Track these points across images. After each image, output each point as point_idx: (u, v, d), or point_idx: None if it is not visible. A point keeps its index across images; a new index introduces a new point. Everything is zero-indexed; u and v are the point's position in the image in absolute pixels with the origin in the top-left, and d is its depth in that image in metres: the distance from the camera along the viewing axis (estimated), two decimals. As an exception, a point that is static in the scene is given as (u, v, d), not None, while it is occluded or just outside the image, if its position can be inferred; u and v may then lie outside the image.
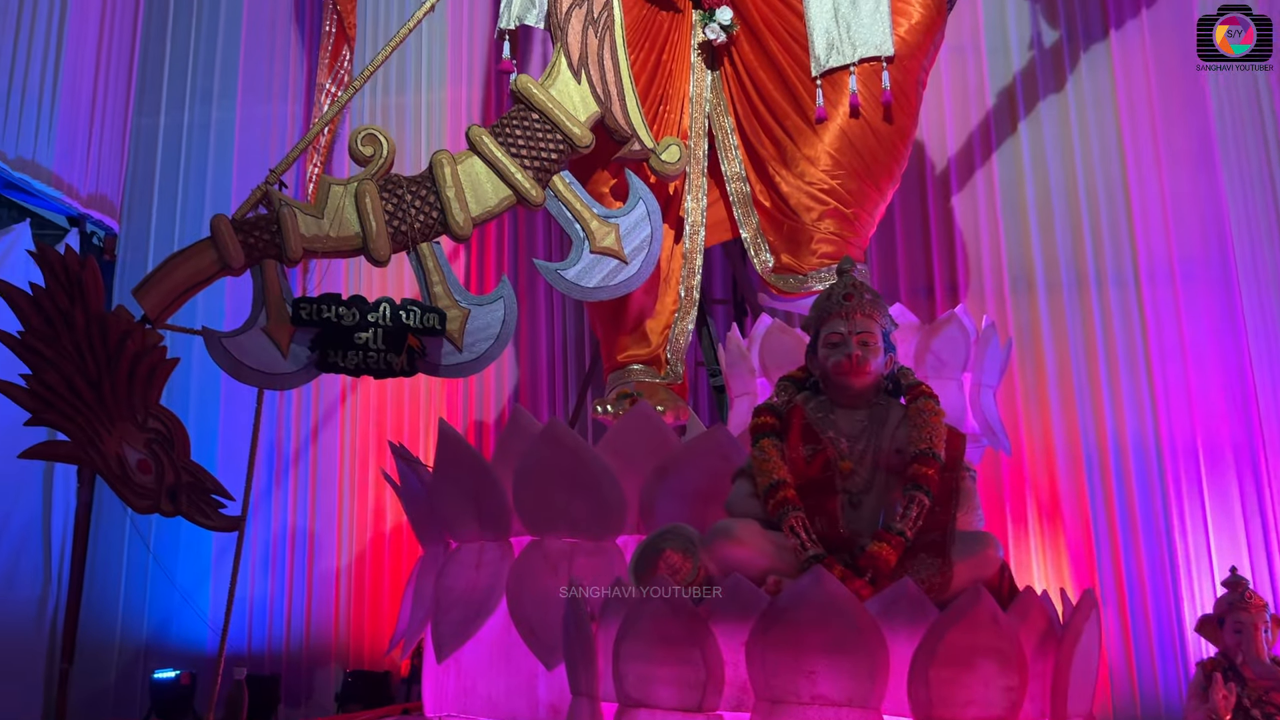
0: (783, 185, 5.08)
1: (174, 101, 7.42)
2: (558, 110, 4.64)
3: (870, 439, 3.28)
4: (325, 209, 4.46)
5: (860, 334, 3.30)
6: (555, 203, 4.71)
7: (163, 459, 4.04)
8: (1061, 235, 6.48)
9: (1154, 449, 6.05)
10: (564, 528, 4.17)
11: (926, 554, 3.07)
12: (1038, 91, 6.70)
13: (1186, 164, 6.35)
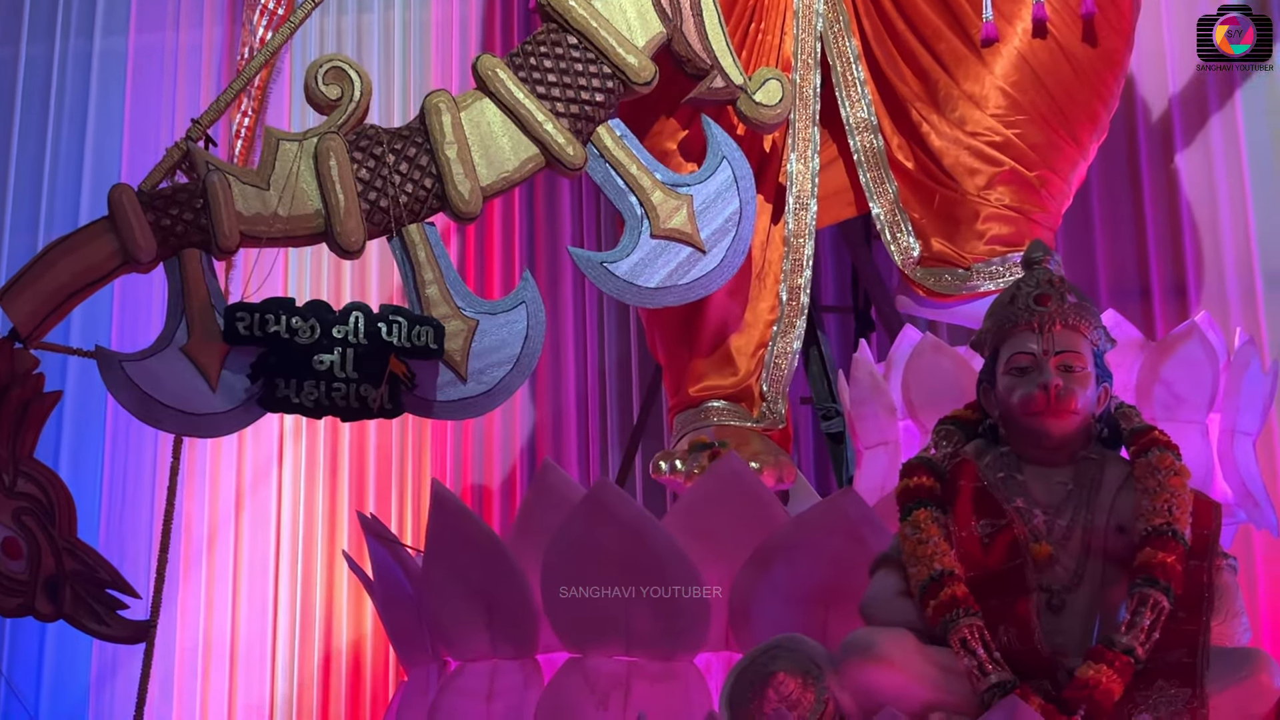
0: (933, 138, 5.12)
1: (38, 27, 7.52)
2: (605, 31, 4.70)
3: (1079, 511, 3.29)
4: (272, 176, 4.51)
5: (1061, 354, 3.31)
6: (601, 164, 4.75)
7: (38, 537, 4.05)
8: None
9: None
10: (617, 640, 4.17)
11: (1167, 681, 3.04)
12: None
13: None
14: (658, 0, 4.77)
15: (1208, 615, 3.14)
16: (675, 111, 5.04)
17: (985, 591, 3.17)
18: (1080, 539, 3.24)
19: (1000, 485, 3.32)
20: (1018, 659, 3.06)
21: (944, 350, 4.75)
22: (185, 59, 7.40)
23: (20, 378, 4.14)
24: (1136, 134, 6.67)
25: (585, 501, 4.17)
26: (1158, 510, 3.17)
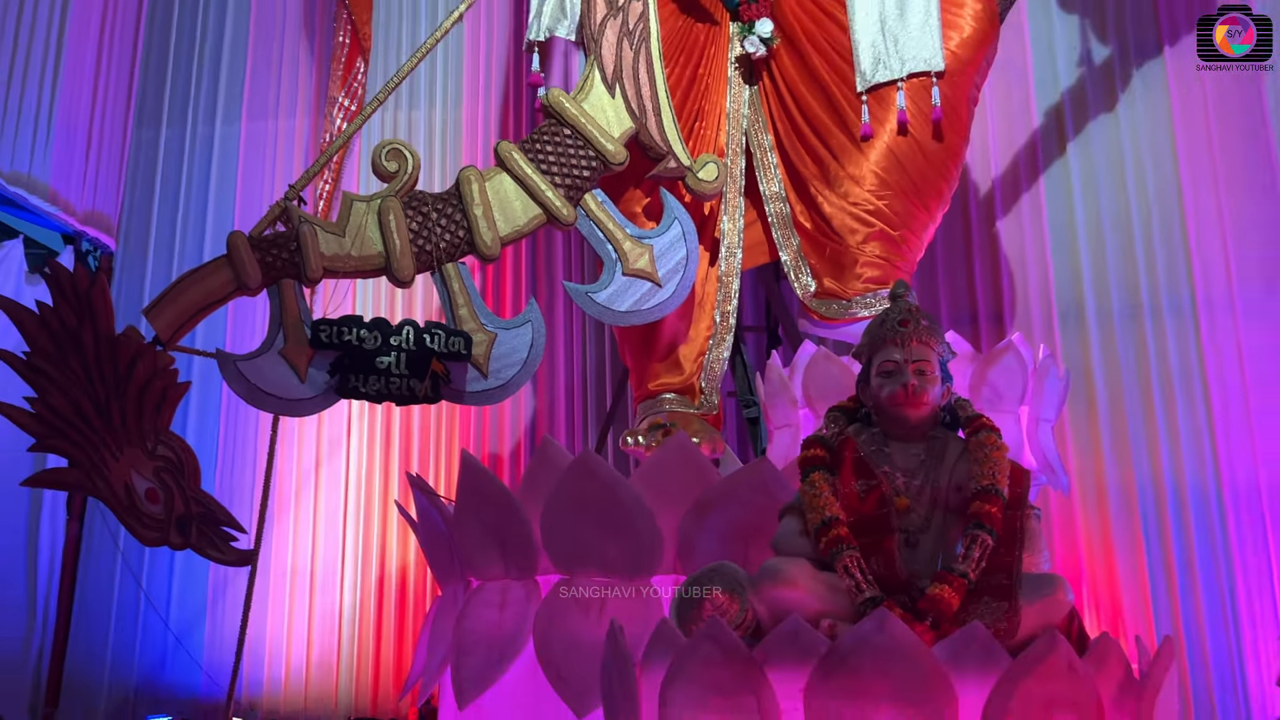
0: (825, 206, 5.10)
1: (176, 116, 7.47)
2: (591, 125, 4.68)
3: (928, 474, 3.26)
4: (347, 227, 4.48)
5: (916, 362, 3.29)
6: (586, 222, 4.74)
7: (172, 488, 4.03)
8: (1113, 262, 6.52)
9: (1214, 491, 6.05)
10: (595, 567, 4.16)
11: (991, 597, 3.03)
12: (1088, 111, 6.75)
13: (1247, 187, 6.37)
14: (628, 103, 4.74)
15: (1019, 550, 3.13)
16: (640, 184, 5.00)
17: (861, 531, 3.14)
18: (929, 495, 3.22)
19: (872, 455, 3.29)
20: (884, 581, 3.05)
21: (832, 359, 4.79)
22: (282, 140, 7.35)
23: (160, 372, 4.12)
24: (969, 202, 6.65)
25: (574, 465, 4.16)
26: (985, 474, 3.17)
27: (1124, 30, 6.79)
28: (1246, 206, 6.35)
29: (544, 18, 5.14)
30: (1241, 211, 6.35)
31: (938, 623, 2.96)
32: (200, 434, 6.67)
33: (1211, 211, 6.41)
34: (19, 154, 6.34)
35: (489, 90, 7.31)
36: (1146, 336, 6.36)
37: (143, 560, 6.64)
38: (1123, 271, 6.50)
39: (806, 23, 5.22)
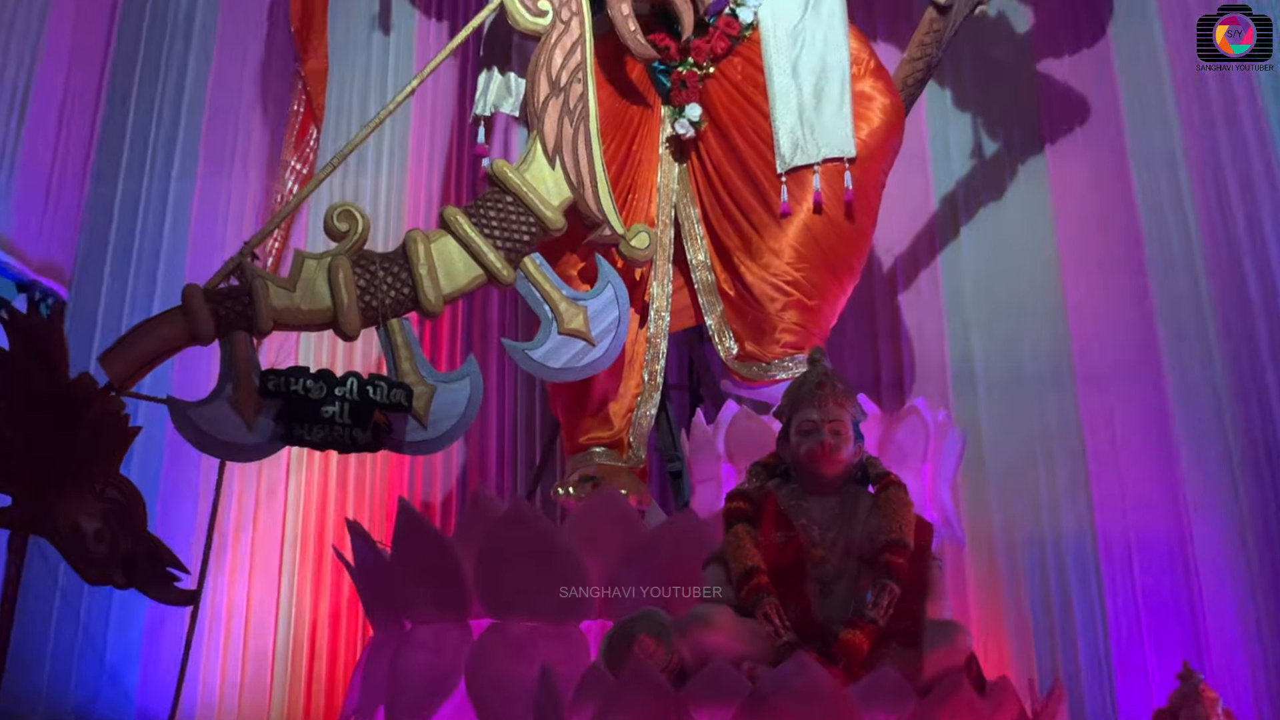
0: (747, 275, 5.13)
1: (133, 170, 7.26)
2: (532, 194, 4.69)
3: (841, 526, 3.30)
4: (298, 282, 4.41)
5: (832, 422, 3.35)
6: (525, 283, 4.73)
7: (118, 529, 3.88)
8: (1001, 335, 6.64)
9: (1089, 544, 6.17)
10: (525, 611, 4.08)
11: (898, 642, 3.07)
12: (979, 198, 6.95)
13: (1121, 272, 6.57)
14: (567, 174, 4.76)
15: (924, 598, 3.19)
16: (577, 250, 5.00)
17: (780, 580, 3.17)
18: (843, 545, 3.25)
19: (791, 509, 3.33)
20: (801, 626, 3.07)
21: (753, 417, 4.79)
22: (234, 198, 7.20)
23: (112, 416, 3.98)
24: (874, 277, 6.74)
25: (507, 514, 4.10)
26: (893, 528, 3.21)
27: (1010, 128, 7.03)
28: (1118, 284, 6.53)
29: (490, 95, 5.17)
30: (1114, 289, 6.53)
31: (850, 666, 2.97)
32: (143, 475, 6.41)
33: (1088, 289, 6.58)
34: (-26, 208, 6.15)
35: (433, 158, 7.27)
36: (1030, 403, 6.46)
37: (80, 598, 6.34)
38: (1010, 343, 6.62)
39: (732, 108, 5.28)
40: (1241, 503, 5.83)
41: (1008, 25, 7.18)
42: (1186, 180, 6.39)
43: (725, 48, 5.30)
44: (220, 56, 7.56)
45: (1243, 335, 5.90)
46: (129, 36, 7.51)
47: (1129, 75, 6.82)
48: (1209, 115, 6.25)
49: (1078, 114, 6.97)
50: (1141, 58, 6.74)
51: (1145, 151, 6.64)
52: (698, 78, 5.29)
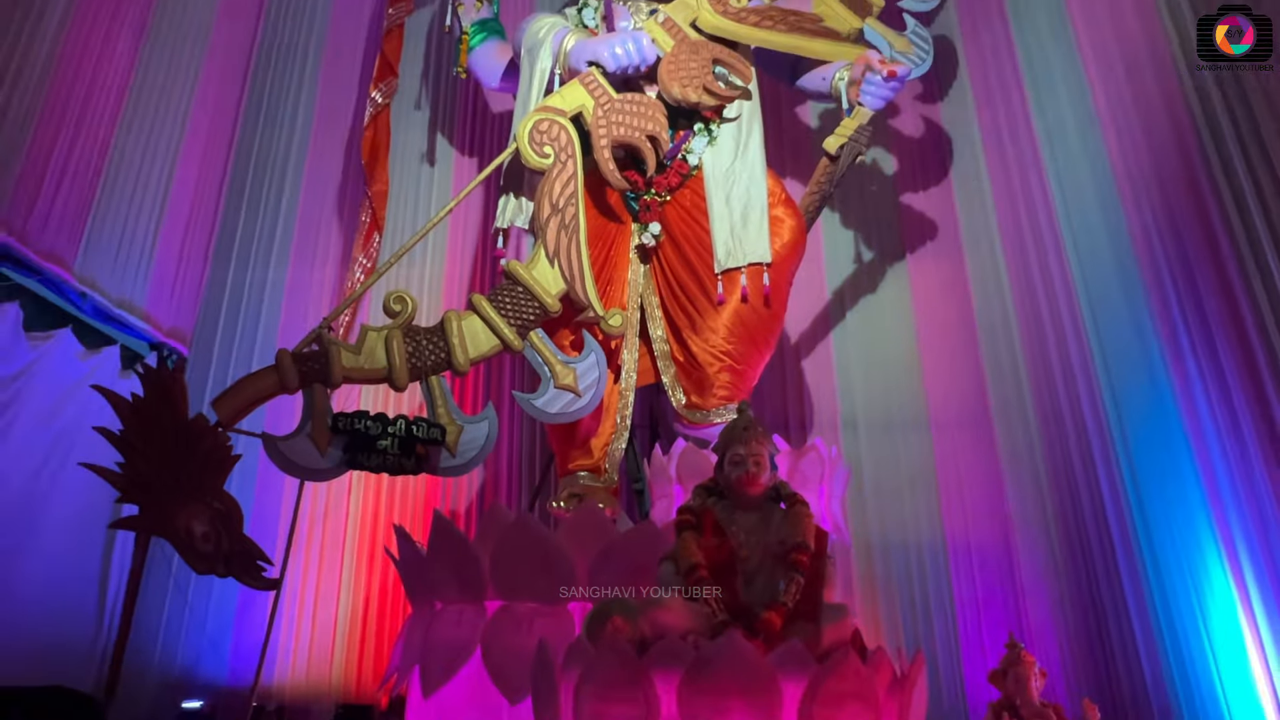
0: (693, 346, 5.13)
1: (242, 258, 7.19)
2: (537, 286, 4.68)
3: (761, 533, 3.28)
4: (362, 348, 4.36)
5: (755, 456, 3.35)
6: (530, 350, 4.70)
7: (221, 532, 3.78)
8: (877, 392, 6.67)
9: (941, 549, 6.17)
10: (528, 595, 4.01)
11: (803, 620, 3.04)
12: (860, 290, 7.03)
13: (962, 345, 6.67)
14: (563, 272, 4.75)
15: (821, 587, 3.16)
16: (569, 325, 4.97)
17: (716, 574, 3.13)
18: (762, 548, 3.22)
19: (724, 520, 3.30)
20: (731, 609, 3.04)
21: (697, 451, 4.78)
22: (314, 283, 7.15)
23: (219, 447, 3.90)
24: (785, 348, 6.74)
25: (514, 523, 4.05)
26: (798, 533, 3.19)
27: (881, 242, 7.14)
28: (960, 355, 6.61)
29: (507, 213, 5.16)
30: (958, 358, 6.60)
31: (768, 639, 2.94)
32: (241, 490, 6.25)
33: (938, 358, 6.66)
34: (125, 282, 6.04)
35: (464, 258, 7.26)
36: (897, 443, 6.49)
37: (189, 583, 6.16)
38: (882, 398, 6.65)
39: (682, 226, 5.31)
40: (1049, 518, 5.85)
41: (879, 169, 7.35)
42: (1006, 280, 6.50)
43: (678, 182, 5.35)
44: (309, 177, 7.55)
45: (1048, 394, 5.98)
46: (245, 148, 7.49)
47: (965, 204, 6.98)
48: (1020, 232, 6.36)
49: (929, 232, 7.11)
50: (972, 193, 6.88)
51: (977, 257, 6.76)
52: (658, 203, 5.33)
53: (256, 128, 7.54)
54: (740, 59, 5.12)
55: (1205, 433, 4.63)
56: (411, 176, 7.50)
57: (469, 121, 7.72)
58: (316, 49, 8.02)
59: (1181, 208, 4.86)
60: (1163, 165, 4.99)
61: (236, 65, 7.67)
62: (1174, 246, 4.87)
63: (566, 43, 5.20)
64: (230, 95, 7.57)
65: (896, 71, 4.80)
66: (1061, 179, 5.90)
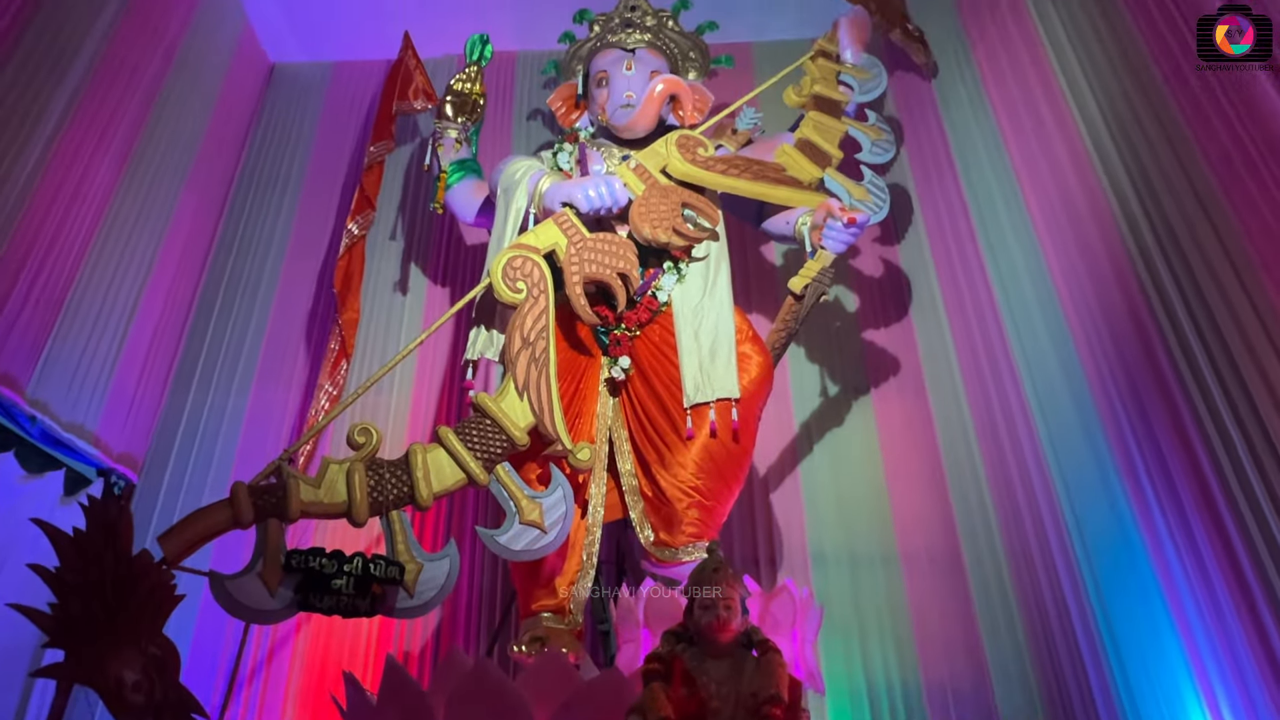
0: (661, 481, 5.09)
1: (203, 381, 7.10)
2: (505, 419, 4.65)
3: (733, 683, 3.17)
4: (323, 481, 4.24)
5: (725, 599, 3.27)
6: (496, 485, 4.60)
7: (154, 680, 3.51)
8: (844, 527, 6.61)
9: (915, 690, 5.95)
10: (485, 750, 3.75)
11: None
12: (825, 425, 7.10)
13: (928, 482, 6.71)
14: (531, 405, 4.71)
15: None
16: (536, 459, 4.91)
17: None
18: (734, 699, 3.11)
19: (694, 669, 3.19)
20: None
21: (666, 593, 4.61)
22: (276, 411, 7.05)
23: (162, 586, 3.69)
24: (754, 483, 6.71)
25: (472, 671, 3.83)
26: (771, 684, 3.09)
27: (846, 377, 7.29)
28: (928, 492, 6.63)
29: (478, 345, 5.19)
30: (925, 494, 6.62)
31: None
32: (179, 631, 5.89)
33: (906, 494, 6.65)
34: (78, 407, 5.88)
35: (431, 389, 7.23)
36: (863, 579, 6.39)
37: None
38: (849, 533, 6.58)
39: (652, 360, 5.38)
40: (1024, 659, 5.72)
41: (842, 306, 7.61)
42: (969, 416, 6.62)
43: (648, 318, 5.47)
44: (280, 303, 7.60)
45: (1015, 530, 5.98)
46: (216, 274, 7.54)
47: (926, 342, 7.20)
48: (980, 369, 6.52)
49: (892, 368, 7.28)
50: (932, 331, 7.12)
51: (939, 393, 6.90)
52: (628, 338, 5.43)
53: (230, 256, 7.65)
54: (708, 203, 5.36)
55: (1170, 562, 4.64)
56: (383, 305, 7.59)
57: (443, 253, 7.91)
58: (296, 182, 8.28)
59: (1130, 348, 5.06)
60: (1110, 309, 5.23)
61: (215, 195, 7.86)
62: (1125, 381, 5.03)
63: (542, 184, 5.40)
64: (206, 224, 7.72)
65: (856, 219, 5.05)
66: (1016, 320, 6.14)
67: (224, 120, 7.94)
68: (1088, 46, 5.43)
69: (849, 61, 6.49)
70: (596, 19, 6.79)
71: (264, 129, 8.57)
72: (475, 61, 6.76)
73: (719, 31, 7.03)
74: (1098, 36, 5.35)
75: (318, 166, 8.39)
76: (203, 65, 7.53)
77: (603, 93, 6.21)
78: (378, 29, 8.53)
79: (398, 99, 7.05)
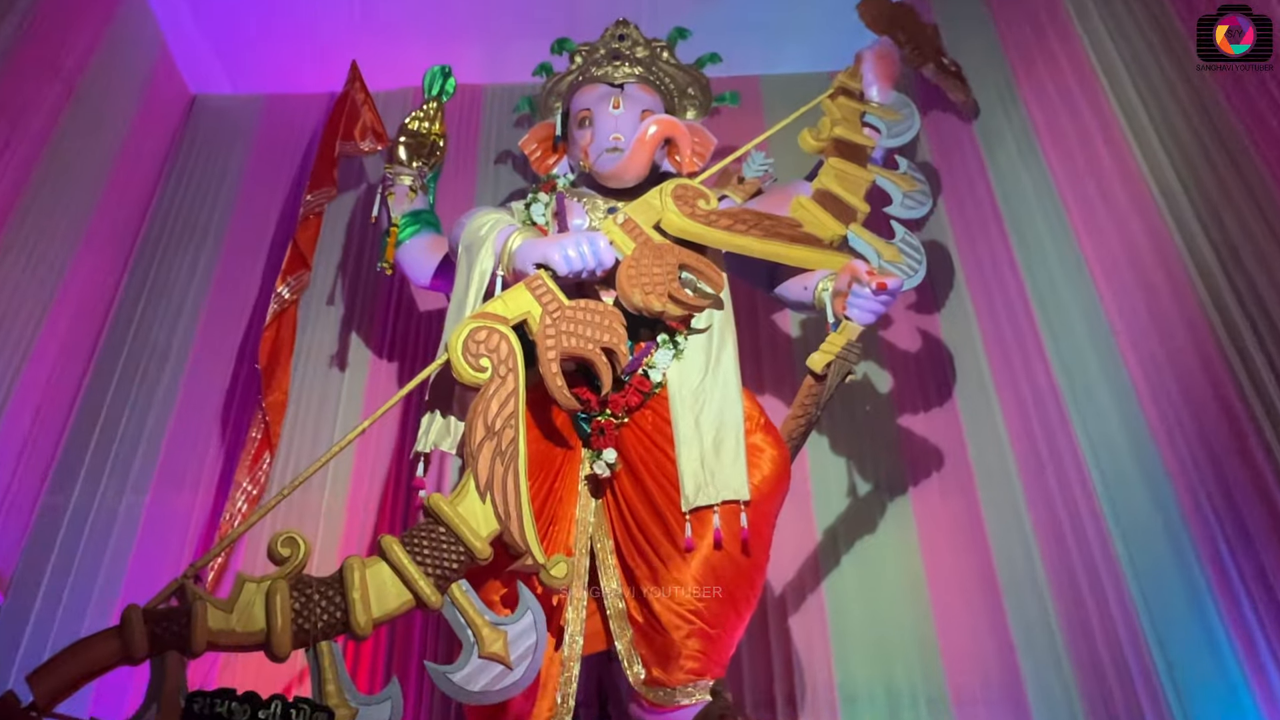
0: (655, 603, 5.03)
1: (90, 478, 7.02)
2: (463, 526, 4.62)
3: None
4: (236, 604, 4.17)
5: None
6: (450, 608, 4.55)
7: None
8: (880, 659, 6.51)
9: None
10: None
11: None
12: (857, 530, 7.08)
13: (979, 597, 6.65)
14: (496, 509, 4.67)
15: None
16: (500, 576, 4.86)
17: None
18: None
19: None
20: None
21: (659, 745, 4.56)
22: (180, 515, 6.97)
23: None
24: (768, 606, 6.65)
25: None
26: None
27: (878, 472, 7.30)
28: (979, 609, 6.56)
29: (431, 434, 5.16)
30: (976, 613, 6.55)
31: None
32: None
33: (950, 611, 6.59)
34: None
35: (372, 486, 7.19)
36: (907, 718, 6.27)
37: None
38: (888, 666, 6.49)
39: (643, 454, 5.37)
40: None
41: (872, 387, 7.68)
42: (1028, 521, 6.59)
43: (638, 402, 5.50)
44: (189, 383, 7.60)
45: (1090, 667, 5.90)
46: (112, 349, 7.54)
47: (974, 429, 7.24)
48: (1040, 464, 6.49)
49: (934, 462, 7.31)
50: (981, 416, 7.16)
51: (991, 493, 6.87)
52: (614, 426, 5.44)
53: (131, 326, 7.68)
54: (710, 264, 5.47)
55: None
56: (317, 384, 7.60)
57: (391, 323, 7.97)
58: (216, 236, 8.39)
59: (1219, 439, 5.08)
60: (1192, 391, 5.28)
61: (117, 252, 7.95)
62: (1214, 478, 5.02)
63: (512, 242, 5.49)
64: (104, 288, 7.78)
65: (887, 284, 5.14)
66: (1080, 404, 6.19)
67: (132, 162, 8.09)
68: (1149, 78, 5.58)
69: (875, 100, 6.72)
70: (578, 49, 7.03)
71: (180, 173, 8.72)
72: (435, 97, 6.96)
73: (722, 64, 7.25)
74: (1159, 65, 5.50)
75: (243, 217, 8.52)
76: (109, 98, 7.70)
77: (585, 134, 6.37)
78: (319, 57, 8.79)
79: (341, 139, 7.22)
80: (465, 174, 8.70)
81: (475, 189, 8.63)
